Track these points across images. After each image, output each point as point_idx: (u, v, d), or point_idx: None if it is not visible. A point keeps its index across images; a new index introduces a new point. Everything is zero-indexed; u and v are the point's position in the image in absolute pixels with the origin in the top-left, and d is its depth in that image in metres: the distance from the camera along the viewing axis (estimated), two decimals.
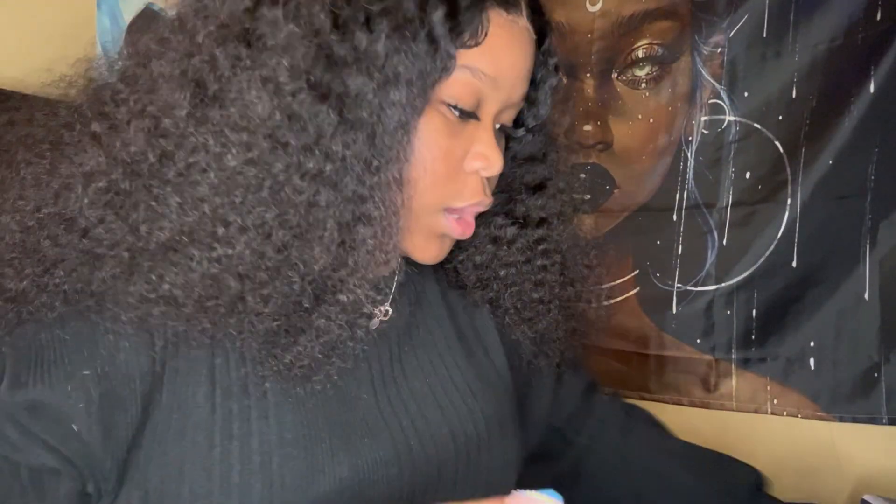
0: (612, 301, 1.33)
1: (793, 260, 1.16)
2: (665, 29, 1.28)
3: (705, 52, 1.25)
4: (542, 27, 0.62)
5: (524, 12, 0.59)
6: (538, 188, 0.72)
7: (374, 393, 0.63)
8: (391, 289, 0.67)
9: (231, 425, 0.55)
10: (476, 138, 0.59)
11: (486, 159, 0.59)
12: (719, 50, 1.23)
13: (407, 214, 0.57)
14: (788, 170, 1.17)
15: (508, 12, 0.58)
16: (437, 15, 0.53)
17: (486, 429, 0.68)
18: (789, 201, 1.17)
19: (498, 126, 0.63)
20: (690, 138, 1.28)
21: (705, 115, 1.26)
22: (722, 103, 1.24)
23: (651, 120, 1.32)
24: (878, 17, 1.09)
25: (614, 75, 1.35)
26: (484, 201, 0.61)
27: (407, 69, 0.52)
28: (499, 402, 0.72)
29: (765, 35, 1.19)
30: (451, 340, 0.72)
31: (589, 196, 1.39)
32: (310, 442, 0.56)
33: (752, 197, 1.21)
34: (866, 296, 1.10)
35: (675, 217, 1.29)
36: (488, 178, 0.61)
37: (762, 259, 1.19)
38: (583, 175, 1.40)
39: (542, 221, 0.72)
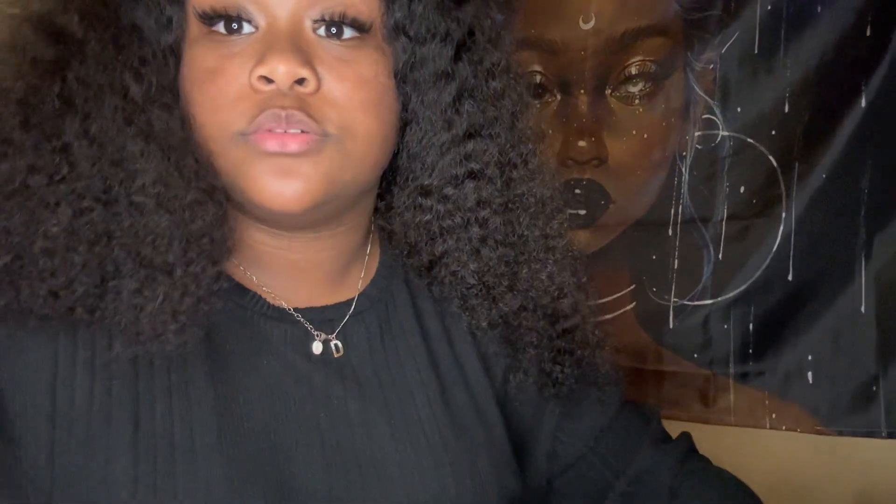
0: (609, 316, 1.33)
1: (789, 274, 1.16)
2: (657, 46, 1.29)
3: (697, 68, 1.26)
4: None
5: None
6: (471, 134, 0.59)
7: (320, 441, 0.55)
8: (341, 319, 0.60)
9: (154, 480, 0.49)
10: (257, 46, 0.50)
11: (262, 62, 0.49)
12: (711, 66, 1.24)
13: (216, 158, 0.51)
14: (783, 184, 1.18)
15: None
16: None
17: (454, 486, 0.58)
18: (784, 215, 1.17)
19: (320, 28, 0.52)
20: (684, 153, 1.28)
21: (699, 130, 1.27)
22: (715, 118, 1.25)
23: (645, 135, 1.33)
24: (868, 33, 1.11)
25: (608, 91, 1.36)
26: (278, 112, 0.49)
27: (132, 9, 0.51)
28: (474, 452, 0.62)
29: (756, 51, 1.20)
30: (424, 373, 0.62)
31: (585, 211, 1.39)
32: None
33: (747, 211, 1.22)
34: (863, 309, 1.10)
35: (670, 231, 1.29)
36: (309, 95, 0.50)
37: (758, 273, 1.19)
38: (578, 191, 1.40)
39: (473, 174, 0.59)
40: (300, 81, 0.50)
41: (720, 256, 1.24)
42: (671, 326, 1.27)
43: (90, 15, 0.50)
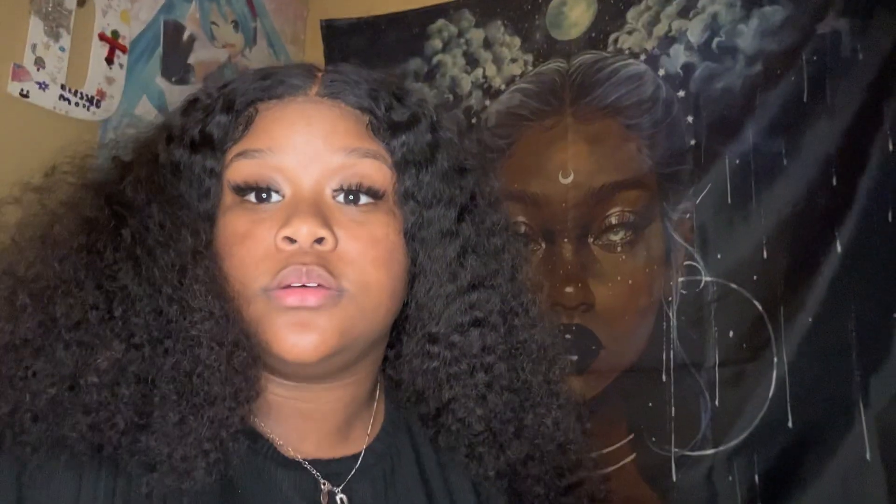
0: (610, 469, 1.29)
1: (788, 420, 1.14)
2: (634, 198, 1.34)
3: (675, 217, 1.31)
4: (358, 102, 0.60)
5: (308, 93, 0.60)
6: (475, 285, 0.63)
7: None
8: (347, 473, 0.62)
9: None
10: (283, 212, 0.56)
11: (286, 224, 0.55)
12: (688, 216, 1.29)
13: (243, 313, 0.55)
14: (770, 328, 1.19)
15: (280, 99, 0.60)
16: (193, 129, 0.59)
17: None
18: (775, 359, 1.17)
19: (339, 196, 0.58)
20: (670, 298, 1.30)
21: (682, 276, 1.29)
22: (696, 264, 1.28)
23: (630, 281, 1.35)
24: (834, 182, 1.16)
25: (590, 240, 1.39)
26: (298, 268, 0.54)
27: (175, 183, 0.58)
28: None
29: (730, 201, 1.25)
30: None
31: (576, 357, 1.39)
32: None
33: (738, 356, 1.21)
34: (868, 456, 1.07)
35: (664, 377, 1.28)
36: (328, 253, 0.56)
37: (757, 420, 1.17)
38: (568, 336, 1.40)
39: (476, 324, 0.63)
40: (319, 241, 0.55)
41: (717, 403, 1.22)
42: (674, 480, 1.22)
43: (142, 186, 0.58)
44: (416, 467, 0.66)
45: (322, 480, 0.60)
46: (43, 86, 1.14)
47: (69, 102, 1.18)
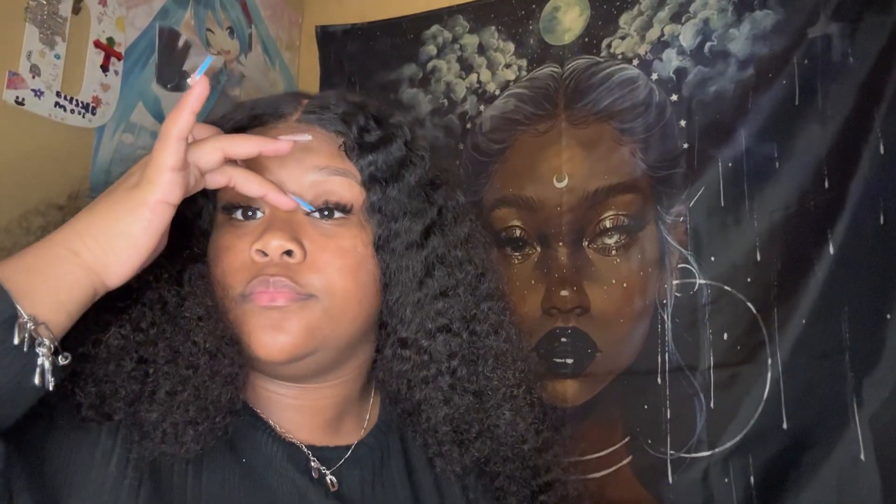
0: (606, 472, 1.29)
1: (783, 422, 1.15)
2: (629, 201, 1.35)
3: (668, 220, 1.31)
4: (333, 125, 0.66)
5: (288, 120, 0.67)
6: (442, 294, 0.68)
7: None
8: (338, 460, 0.67)
9: None
10: (259, 227, 0.63)
11: (259, 239, 0.61)
12: (682, 219, 1.29)
13: (226, 315, 0.62)
14: (764, 330, 1.20)
15: (264, 126, 0.67)
16: None
17: None
18: (770, 361, 1.18)
19: (313, 211, 0.64)
20: (665, 301, 1.31)
21: (676, 278, 1.30)
22: (691, 267, 1.29)
23: (625, 285, 1.36)
24: (826, 185, 1.17)
25: (585, 244, 1.40)
26: (265, 278, 0.61)
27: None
28: None
29: (723, 204, 1.26)
30: None
31: (572, 360, 1.39)
32: None
33: (732, 358, 1.22)
34: (862, 457, 1.08)
35: (659, 380, 1.29)
36: (298, 264, 0.62)
37: (752, 422, 1.17)
38: (564, 339, 1.41)
39: (443, 328, 0.68)
40: (289, 253, 0.61)
41: (712, 405, 1.22)
42: (670, 482, 1.23)
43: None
44: (404, 466, 0.71)
45: (313, 459, 0.66)
46: (38, 93, 1.14)
47: (65, 110, 1.19)
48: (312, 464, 0.65)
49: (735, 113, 1.27)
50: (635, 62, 1.39)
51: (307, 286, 0.61)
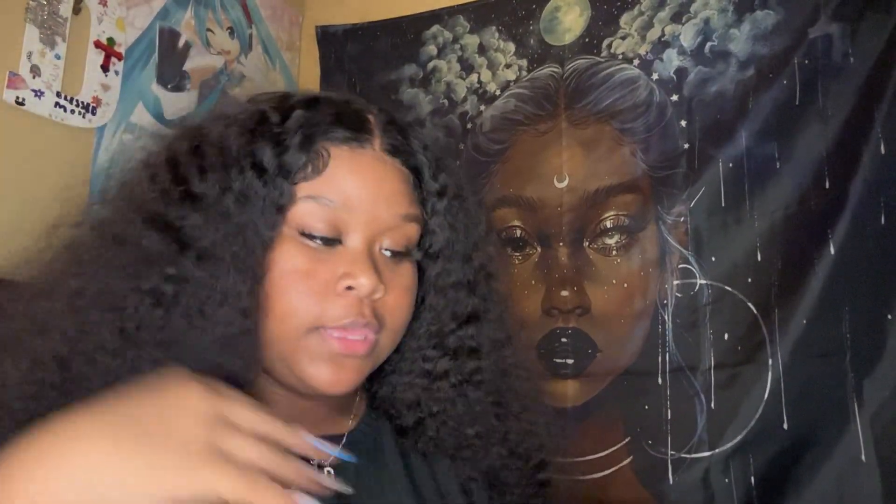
0: (606, 472, 1.29)
1: (783, 422, 1.15)
2: (629, 201, 1.35)
3: (669, 221, 1.31)
4: (411, 162, 0.67)
5: (374, 146, 0.66)
6: (469, 319, 0.71)
7: None
8: (335, 449, 0.67)
9: None
10: (345, 259, 0.62)
11: (351, 276, 0.60)
12: (682, 219, 1.29)
13: (279, 340, 0.60)
14: (765, 330, 1.19)
15: (350, 146, 0.65)
16: (265, 154, 0.61)
17: None
18: (770, 361, 1.18)
19: (386, 251, 0.65)
20: (665, 301, 1.30)
21: (677, 279, 1.30)
22: (691, 267, 1.29)
23: (625, 285, 1.36)
24: (827, 185, 1.17)
25: (586, 244, 1.40)
26: (359, 321, 0.61)
27: (241, 207, 0.60)
28: None
29: (723, 204, 1.25)
30: (406, 499, 0.69)
31: (573, 360, 1.39)
32: None
33: (733, 359, 1.22)
34: (863, 457, 1.08)
35: (660, 380, 1.29)
36: (375, 301, 0.62)
37: (753, 422, 1.17)
38: (564, 339, 1.41)
39: (473, 352, 0.71)
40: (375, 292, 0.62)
41: (712, 405, 1.22)
42: (671, 482, 1.23)
43: (206, 204, 0.61)
44: (395, 446, 0.73)
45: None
46: (39, 93, 1.14)
47: (65, 110, 1.19)
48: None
49: (736, 113, 1.27)
50: (636, 62, 1.39)
51: (383, 321, 0.63)
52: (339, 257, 0.62)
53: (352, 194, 0.62)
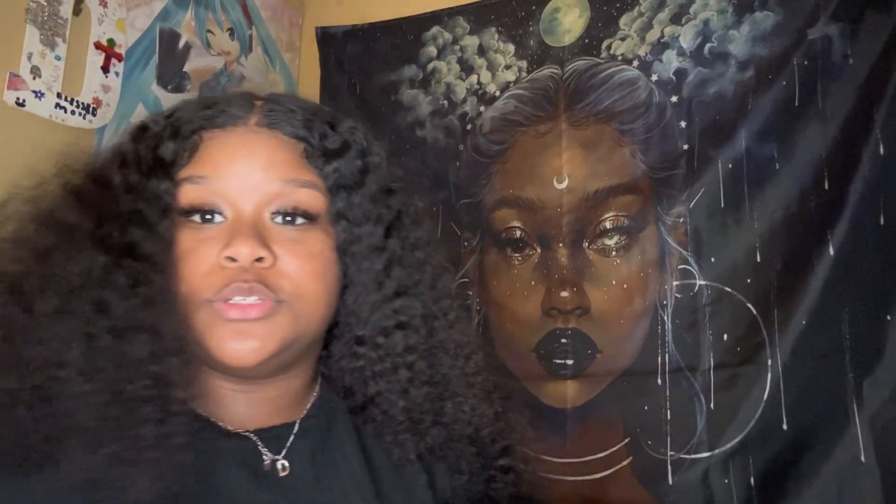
0: (606, 473, 1.29)
1: (783, 423, 1.15)
2: (629, 202, 1.35)
3: (669, 221, 1.31)
4: (296, 132, 0.67)
5: (248, 123, 0.66)
6: (398, 292, 0.70)
7: None
8: (288, 437, 0.68)
9: None
10: (225, 233, 0.63)
11: (230, 246, 0.61)
12: (682, 220, 1.29)
13: (191, 324, 0.61)
14: (764, 331, 1.20)
15: (223, 129, 0.66)
16: (145, 154, 0.64)
17: None
18: (770, 362, 1.18)
19: (277, 218, 0.65)
20: (665, 302, 1.30)
21: (676, 279, 1.30)
22: (691, 268, 1.29)
23: (625, 285, 1.36)
24: (826, 186, 1.17)
25: (585, 244, 1.40)
26: (241, 286, 0.61)
27: (133, 204, 0.62)
28: None
29: (723, 205, 1.26)
30: (361, 476, 0.70)
31: (572, 361, 1.39)
32: None
33: (732, 359, 1.22)
34: (863, 458, 1.08)
35: (659, 381, 1.29)
36: (267, 269, 0.62)
37: (752, 423, 1.17)
38: (564, 340, 1.41)
39: (401, 327, 0.70)
40: (259, 259, 0.61)
41: (712, 406, 1.22)
42: (671, 483, 1.23)
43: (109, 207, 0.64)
44: (350, 426, 0.73)
45: (264, 449, 0.66)
46: (39, 94, 1.14)
47: (65, 111, 1.19)
48: (265, 458, 0.66)
49: (735, 114, 1.27)
50: (635, 63, 1.39)
51: (278, 291, 0.62)
52: (220, 232, 0.62)
53: (222, 166, 0.63)
